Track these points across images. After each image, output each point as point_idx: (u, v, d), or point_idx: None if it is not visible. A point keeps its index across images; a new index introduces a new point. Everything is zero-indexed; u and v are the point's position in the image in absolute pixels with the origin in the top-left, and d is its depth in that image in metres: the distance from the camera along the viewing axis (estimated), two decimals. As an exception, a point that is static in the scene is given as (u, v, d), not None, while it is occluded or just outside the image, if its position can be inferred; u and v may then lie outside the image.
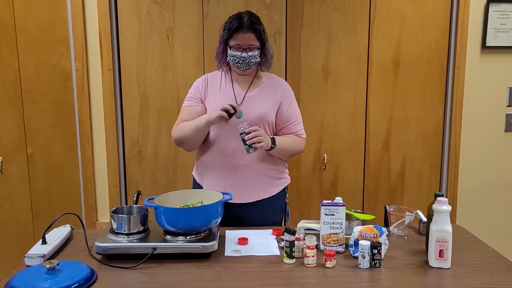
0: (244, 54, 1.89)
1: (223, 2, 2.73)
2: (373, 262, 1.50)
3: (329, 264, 1.51)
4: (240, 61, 1.90)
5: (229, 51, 1.91)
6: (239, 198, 1.93)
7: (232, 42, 1.89)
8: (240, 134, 1.82)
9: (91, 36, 2.74)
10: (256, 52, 1.91)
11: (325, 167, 2.92)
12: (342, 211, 1.62)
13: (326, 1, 2.77)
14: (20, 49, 2.73)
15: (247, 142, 1.81)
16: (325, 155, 2.90)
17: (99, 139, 2.84)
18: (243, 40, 1.87)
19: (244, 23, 1.86)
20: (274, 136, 1.92)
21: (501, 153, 2.96)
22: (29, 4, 2.69)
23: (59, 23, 2.72)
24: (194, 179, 2.10)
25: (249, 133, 1.80)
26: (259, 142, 1.80)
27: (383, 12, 2.79)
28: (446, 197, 2.61)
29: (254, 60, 1.91)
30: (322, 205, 1.62)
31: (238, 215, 1.98)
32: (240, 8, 2.69)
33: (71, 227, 1.81)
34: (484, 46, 2.82)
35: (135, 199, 1.85)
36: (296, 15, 2.77)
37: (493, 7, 2.78)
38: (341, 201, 1.64)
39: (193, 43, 2.77)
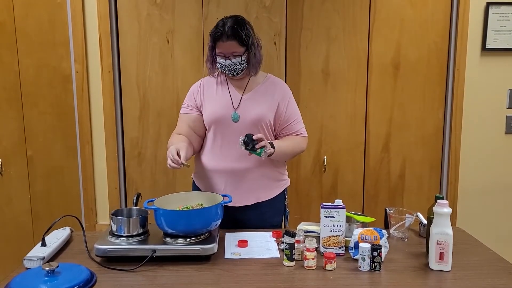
0: (228, 62, 1.87)
1: (223, 4, 2.73)
2: (373, 265, 1.50)
3: (329, 266, 1.51)
4: (226, 68, 1.90)
5: (216, 59, 1.91)
6: (238, 201, 1.93)
7: (216, 50, 1.89)
8: (245, 147, 1.75)
9: (91, 38, 2.75)
10: (241, 58, 1.87)
11: (325, 169, 2.91)
12: (342, 213, 1.61)
13: (325, 3, 2.77)
14: (20, 51, 2.73)
15: (257, 146, 1.74)
16: (325, 157, 2.90)
17: (98, 141, 2.84)
18: (225, 48, 1.86)
19: (225, 31, 1.83)
20: (273, 144, 1.86)
21: (502, 155, 2.96)
22: (29, 7, 2.69)
23: (59, 25, 2.72)
24: (193, 181, 2.09)
25: (253, 141, 1.75)
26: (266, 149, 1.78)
27: (383, 14, 2.79)
28: (446, 199, 2.60)
29: (240, 66, 1.89)
30: (322, 208, 1.62)
31: (237, 218, 1.97)
32: (240, 9, 2.71)
33: (70, 229, 1.80)
34: (484, 48, 2.82)
35: (134, 201, 1.85)
36: (296, 17, 2.77)
37: (493, 9, 2.78)
38: (341, 204, 1.63)
39: (193, 45, 2.77)
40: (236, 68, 1.89)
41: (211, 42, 1.90)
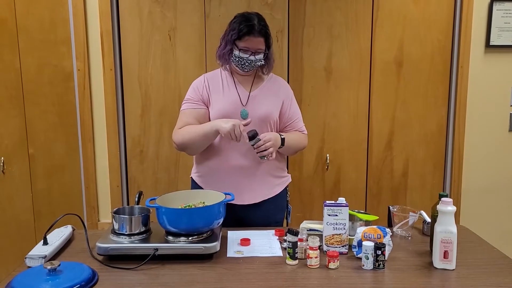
0: (251, 57, 1.85)
1: (225, 2, 2.72)
2: (376, 263, 1.49)
3: (332, 265, 1.50)
4: (247, 63, 1.87)
5: (235, 52, 1.86)
6: (246, 199, 1.93)
7: (241, 44, 1.85)
8: (252, 144, 1.80)
9: (93, 36, 2.74)
10: (262, 56, 1.88)
11: (327, 167, 2.90)
12: (346, 211, 1.60)
13: (328, 0, 2.75)
14: (21, 50, 2.72)
15: (258, 154, 1.80)
16: (327, 155, 2.89)
17: (100, 139, 2.84)
18: (253, 44, 1.84)
19: (256, 27, 1.82)
20: (283, 136, 1.90)
21: (505, 153, 2.94)
22: (31, 4, 2.68)
23: (61, 23, 2.71)
24: (193, 181, 2.04)
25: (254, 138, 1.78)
26: (271, 155, 1.80)
27: (386, 11, 2.78)
28: (450, 197, 2.59)
29: (259, 63, 1.89)
30: (325, 206, 1.60)
31: (242, 216, 1.96)
32: (242, 7, 2.69)
33: (72, 227, 1.80)
34: (488, 45, 2.80)
35: (136, 199, 1.84)
36: (298, 14, 2.76)
37: (497, 6, 2.76)
38: (344, 202, 1.62)
39: (195, 43, 2.76)
40: (255, 65, 1.88)
41: (235, 35, 1.84)
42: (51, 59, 2.74)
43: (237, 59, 1.87)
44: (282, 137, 1.89)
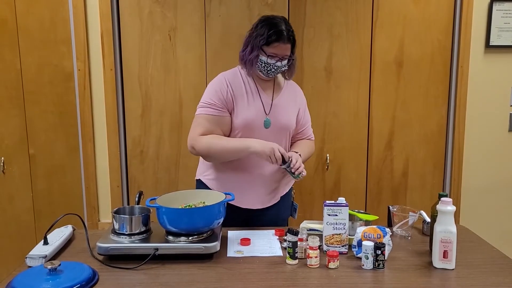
0: (278, 63, 1.82)
1: (225, 2, 2.72)
2: (376, 263, 1.49)
3: (332, 265, 1.50)
4: (273, 69, 1.83)
5: (262, 58, 1.80)
6: (261, 203, 1.92)
7: (269, 50, 1.79)
8: (283, 167, 1.80)
9: (93, 36, 2.74)
10: (287, 61, 1.85)
11: (327, 167, 2.90)
12: (345, 211, 1.60)
13: (328, 0, 2.75)
14: (22, 50, 2.73)
15: (296, 173, 1.80)
16: (327, 155, 2.89)
17: (101, 139, 2.84)
18: (282, 50, 1.80)
19: (285, 33, 1.78)
20: (299, 153, 1.88)
21: (505, 153, 2.94)
22: (31, 4, 2.69)
23: (61, 23, 2.72)
24: (201, 183, 1.97)
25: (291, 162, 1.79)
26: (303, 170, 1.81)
27: (386, 11, 2.78)
28: (450, 197, 2.59)
29: (283, 69, 1.86)
30: (325, 206, 1.61)
31: (252, 218, 1.96)
32: (242, 6, 2.70)
33: (73, 227, 1.80)
34: (488, 45, 2.80)
35: (137, 199, 1.84)
36: (298, 14, 2.76)
37: (496, 6, 2.76)
38: (344, 202, 1.63)
39: (195, 43, 2.76)
40: (280, 70, 1.85)
41: (263, 41, 1.78)
42: (52, 59, 2.75)
43: (263, 65, 1.82)
44: (298, 154, 1.87)
